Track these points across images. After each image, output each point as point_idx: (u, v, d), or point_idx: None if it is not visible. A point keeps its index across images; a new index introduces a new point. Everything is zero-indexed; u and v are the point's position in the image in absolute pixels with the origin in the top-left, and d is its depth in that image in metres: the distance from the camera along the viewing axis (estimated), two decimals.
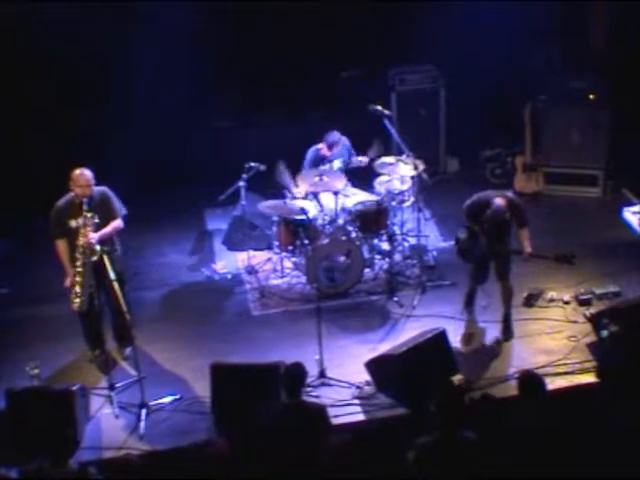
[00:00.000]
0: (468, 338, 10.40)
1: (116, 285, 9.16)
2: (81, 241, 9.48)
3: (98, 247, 9.46)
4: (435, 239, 12.59)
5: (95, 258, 9.45)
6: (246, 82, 14.35)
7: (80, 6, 12.84)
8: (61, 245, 9.76)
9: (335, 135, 11.94)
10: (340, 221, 11.39)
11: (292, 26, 13.98)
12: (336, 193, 11.41)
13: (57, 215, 9.73)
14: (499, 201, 9.78)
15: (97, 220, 9.53)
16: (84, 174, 9.56)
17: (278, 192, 12.02)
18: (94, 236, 9.46)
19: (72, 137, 13.26)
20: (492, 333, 10.45)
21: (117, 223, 9.84)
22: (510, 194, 10.28)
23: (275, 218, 11.68)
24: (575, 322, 10.49)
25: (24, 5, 12.75)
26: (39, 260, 11.78)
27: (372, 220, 11.58)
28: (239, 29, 13.99)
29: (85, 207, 9.47)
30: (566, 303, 10.87)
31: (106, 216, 9.70)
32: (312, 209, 11.56)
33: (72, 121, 13.46)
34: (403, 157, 11.67)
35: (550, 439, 7.42)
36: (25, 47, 13.15)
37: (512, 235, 10.07)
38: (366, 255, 11.49)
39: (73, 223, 9.59)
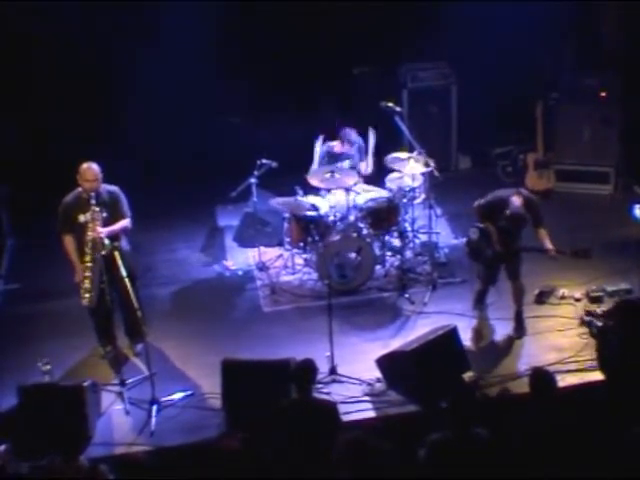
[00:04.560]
0: (479, 335, 10.40)
1: (127, 281, 9.18)
2: (90, 236, 9.48)
3: (107, 241, 9.47)
4: (446, 236, 12.59)
5: (105, 252, 9.46)
6: (257, 79, 14.33)
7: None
8: (68, 240, 9.78)
9: (352, 133, 11.92)
10: (351, 218, 11.39)
11: (303, 22, 13.98)
12: (348, 190, 11.42)
13: (65, 210, 9.74)
14: (517, 200, 9.78)
15: (105, 214, 9.55)
16: (91, 168, 9.57)
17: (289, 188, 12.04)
18: (102, 230, 9.48)
19: (81, 134, 13.27)
20: (503, 330, 10.45)
21: (125, 222, 9.84)
22: (525, 191, 10.29)
23: (286, 215, 11.68)
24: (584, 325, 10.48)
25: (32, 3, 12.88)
26: (50, 256, 11.77)
27: (383, 217, 11.58)
28: (250, 26, 13.99)
29: (93, 201, 9.48)
30: (577, 300, 10.86)
31: (114, 215, 9.72)
32: (323, 206, 11.57)
33: (83, 118, 13.49)
34: (414, 154, 11.66)
35: (561, 437, 7.41)
36: (30, 45, 13.22)
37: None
38: (377, 252, 11.49)
39: (82, 218, 9.60)
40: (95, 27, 13.34)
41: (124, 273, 9.19)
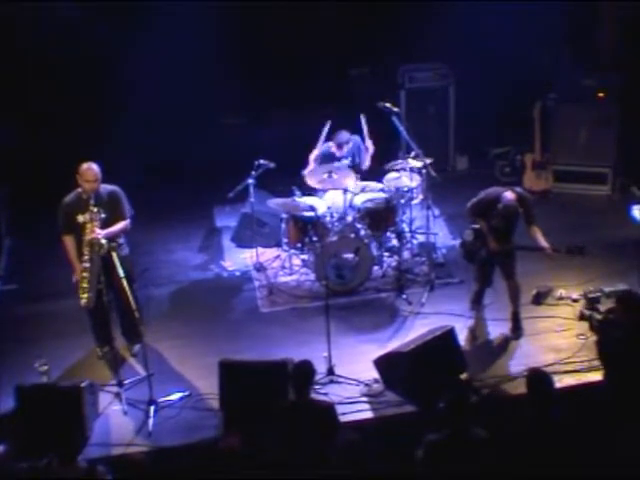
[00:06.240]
0: (476, 336, 10.40)
1: (125, 282, 9.18)
2: (88, 236, 9.47)
3: (104, 241, 9.46)
4: (444, 237, 12.60)
5: (103, 253, 9.46)
6: (255, 79, 14.36)
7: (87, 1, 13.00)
8: (69, 241, 9.76)
9: (344, 136, 11.90)
10: (349, 218, 11.39)
11: (301, 23, 14.00)
12: (346, 190, 11.43)
13: (64, 211, 9.73)
14: (509, 195, 9.82)
15: (103, 215, 9.54)
16: (91, 168, 9.56)
17: (287, 189, 12.05)
18: (100, 232, 9.47)
19: (81, 135, 13.29)
20: (500, 331, 10.44)
21: (124, 224, 9.83)
22: (518, 188, 10.32)
23: (284, 215, 11.69)
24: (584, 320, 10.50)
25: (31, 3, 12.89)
26: (47, 256, 11.80)
27: (381, 217, 11.59)
28: (248, 26, 14.00)
29: (92, 202, 9.48)
30: (575, 301, 10.87)
31: (114, 215, 9.70)
32: (321, 206, 11.57)
33: (81, 119, 13.51)
34: (412, 155, 11.67)
35: (558, 437, 7.42)
36: (29, 45, 13.24)
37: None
38: (375, 253, 11.49)
39: (80, 218, 9.57)
40: (95, 28, 13.36)
41: (121, 273, 9.20)
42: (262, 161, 11.61)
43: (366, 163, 12.11)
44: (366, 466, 8.12)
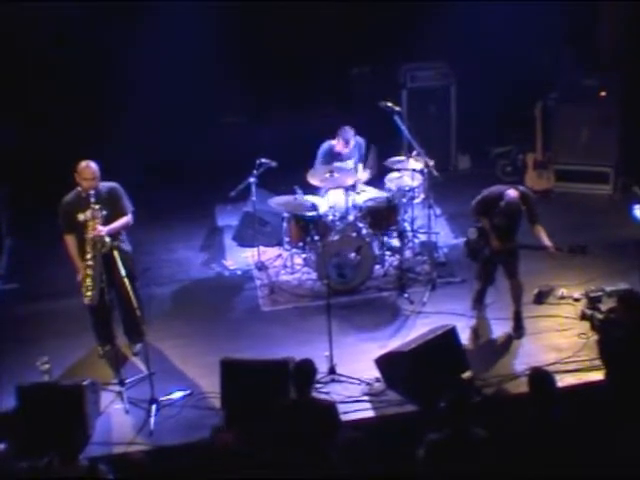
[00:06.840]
0: (477, 335, 10.39)
1: (126, 281, 9.17)
2: (90, 234, 9.47)
3: (108, 239, 9.47)
4: (446, 236, 12.59)
5: (105, 250, 9.46)
6: (256, 78, 14.36)
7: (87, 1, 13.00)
8: (70, 240, 9.75)
9: (349, 132, 11.89)
10: (350, 217, 11.38)
11: (303, 22, 13.99)
12: (347, 189, 11.42)
13: (65, 210, 9.72)
14: (512, 192, 9.81)
15: (104, 212, 9.54)
16: (90, 166, 9.55)
17: (288, 188, 12.04)
18: (102, 229, 9.47)
19: (81, 135, 13.29)
20: (502, 330, 10.44)
21: (126, 219, 9.82)
22: (521, 187, 10.32)
23: (285, 214, 11.67)
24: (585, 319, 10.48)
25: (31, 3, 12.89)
26: (48, 256, 11.81)
27: (382, 217, 11.58)
28: (249, 25, 14.00)
29: (92, 199, 9.47)
30: (576, 300, 10.86)
31: (114, 212, 9.70)
32: (322, 205, 11.56)
33: (81, 119, 13.51)
34: (413, 154, 11.66)
35: (559, 437, 7.41)
36: (29, 45, 13.25)
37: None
38: (376, 252, 11.48)
39: (81, 217, 9.57)
40: (95, 28, 13.35)
41: (123, 272, 9.19)
42: (264, 160, 11.60)
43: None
44: (366, 466, 8.11)
